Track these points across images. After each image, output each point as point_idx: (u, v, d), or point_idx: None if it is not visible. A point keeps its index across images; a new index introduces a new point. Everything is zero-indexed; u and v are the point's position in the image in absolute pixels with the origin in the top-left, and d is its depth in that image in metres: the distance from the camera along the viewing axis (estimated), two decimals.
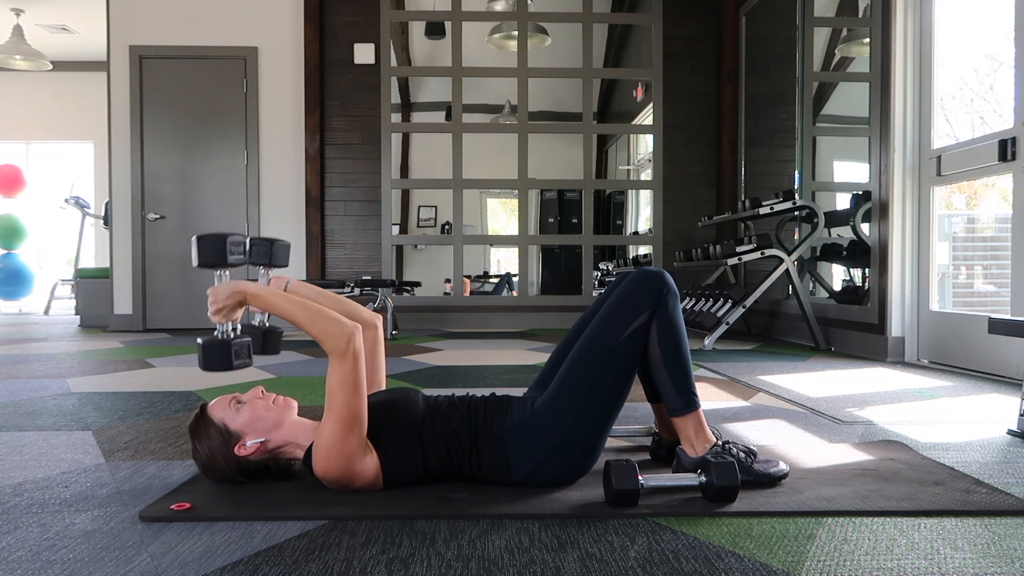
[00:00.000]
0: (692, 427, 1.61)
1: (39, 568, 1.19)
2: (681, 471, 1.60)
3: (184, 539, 1.30)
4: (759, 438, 2.08)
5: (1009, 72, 3.18)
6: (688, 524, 1.37)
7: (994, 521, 1.40)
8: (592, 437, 1.57)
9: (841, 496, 1.52)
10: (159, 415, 2.44)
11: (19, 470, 1.77)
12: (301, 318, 1.49)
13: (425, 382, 3.16)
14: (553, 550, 1.25)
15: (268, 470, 1.57)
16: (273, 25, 5.97)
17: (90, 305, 6.43)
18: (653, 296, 1.60)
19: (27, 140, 9.49)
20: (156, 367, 3.67)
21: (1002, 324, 2.18)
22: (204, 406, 1.58)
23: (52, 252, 9.92)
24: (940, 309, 3.77)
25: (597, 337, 1.59)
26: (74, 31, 8.12)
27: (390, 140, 6.03)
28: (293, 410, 1.60)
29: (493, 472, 1.56)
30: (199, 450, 1.54)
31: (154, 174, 5.98)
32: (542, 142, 6.73)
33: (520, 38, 6.13)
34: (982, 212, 4.83)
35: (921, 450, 1.93)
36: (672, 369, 1.61)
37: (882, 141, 3.94)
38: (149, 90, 5.95)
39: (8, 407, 2.58)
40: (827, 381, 3.13)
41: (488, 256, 9.49)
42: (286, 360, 3.94)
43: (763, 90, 5.82)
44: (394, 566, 1.19)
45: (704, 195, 6.25)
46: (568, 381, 1.57)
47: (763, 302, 5.13)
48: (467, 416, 1.58)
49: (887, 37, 3.90)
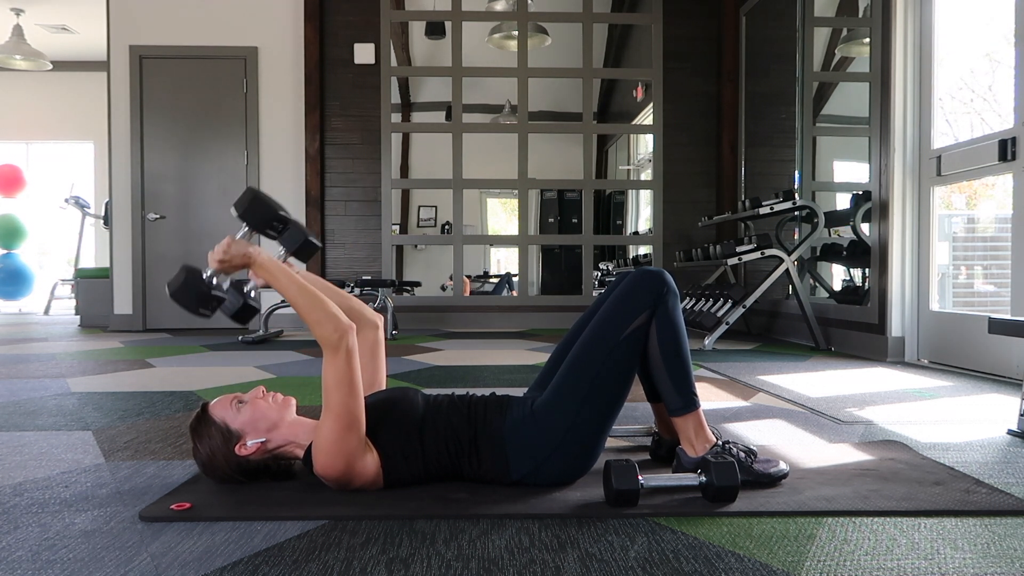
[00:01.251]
0: (692, 427, 1.61)
1: (39, 568, 1.19)
2: (681, 471, 1.60)
3: (184, 539, 1.30)
4: (759, 438, 2.08)
5: (1009, 72, 3.18)
6: (688, 524, 1.37)
7: (994, 521, 1.40)
8: (592, 437, 1.57)
9: (841, 496, 1.52)
10: (159, 415, 2.43)
11: (19, 470, 1.77)
12: (301, 302, 1.49)
13: (425, 382, 3.16)
14: (553, 550, 1.25)
15: (268, 470, 1.57)
16: (273, 25, 5.97)
17: (90, 305, 6.43)
18: (653, 295, 1.60)
19: (27, 140, 9.49)
20: (156, 367, 3.67)
21: (1002, 324, 2.18)
22: (205, 405, 1.58)
23: (52, 252, 9.92)
24: (940, 309, 3.77)
25: (597, 337, 1.59)
26: (74, 31, 8.12)
27: (390, 140, 6.03)
28: (292, 408, 1.59)
29: (493, 471, 1.56)
30: (200, 449, 1.54)
31: (154, 174, 5.98)
32: (542, 142, 6.73)
33: (520, 38, 6.13)
34: (982, 212, 4.83)
35: (921, 450, 1.93)
36: (672, 369, 1.60)
37: (882, 141, 3.94)
38: (149, 90, 5.95)
39: (8, 407, 2.58)
40: (827, 381, 3.12)
41: (488, 256, 9.49)
42: (286, 360, 3.94)
43: (763, 90, 5.82)
44: (394, 566, 1.19)
45: (704, 195, 6.25)
46: (568, 381, 1.57)
47: (763, 302, 5.13)
48: (467, 415, 1.58)
49: (887, 37, 3.90)
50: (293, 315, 5.95)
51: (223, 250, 1.55)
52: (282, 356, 4.13)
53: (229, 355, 4.18)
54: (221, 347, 4.62)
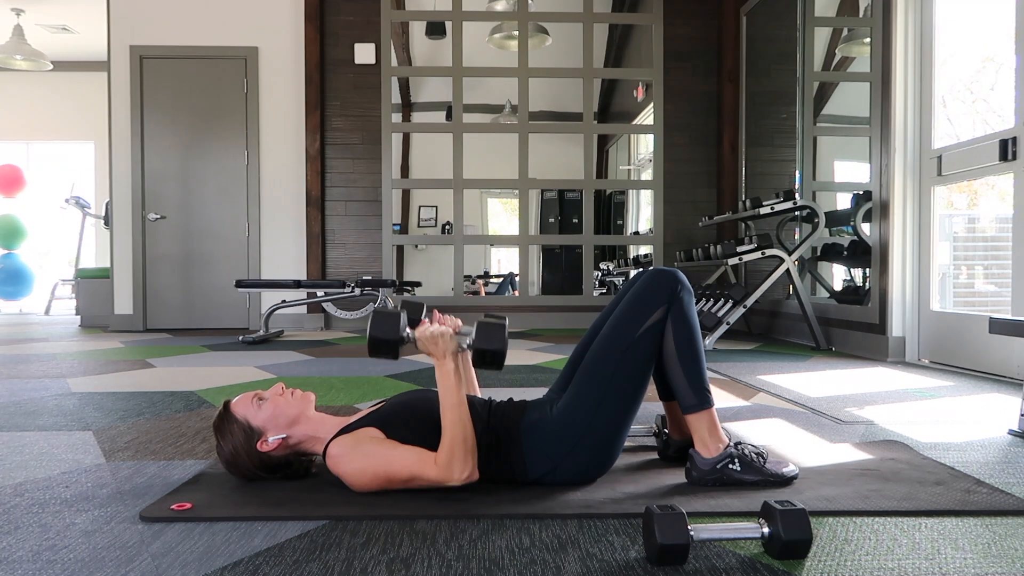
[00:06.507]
0: (706, 426, 1.61)
1: (39, 568, 1.19)
2: (696, 472, 1.60)
3: (185, 539, 1.30)
4: (760, 438, 2.08)
5: (1010, 72, 3.18)
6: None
7: (995, 521, 1.40)
8: (610, 436, 1.57)
9: (842, 496, 1.52)
10: (160, 415, 2.43)
11: (20, 470, 1.77)
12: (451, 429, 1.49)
13: (426, 382, 3.16)
14: (554, 550, 1.25)
15: (290, 465, 1.60)
16: (273, 25, 5.97)
17: (90, 305, 6.43)
18: (668, 293, 1.61)
19: (27, 140, 9.49)
20: (156, 367, 3.67)
21: (1003, 324, 2.17)
22: (227, 403, 1.60)
23: (52, 252, 9.91)
24: (941, 309, 3.77)
25: (613, 337, 1.60)
26: (74, 31, 8.12)
27: (390, 140, 6.03)
28: (311, 404, 1.62)
29: (510, 472, 1.57)
30: (223, 447, 1.57)
31: (154, 174, 5.98)
32: (543, 142, 6.73)
33: (520, 38, 6.12)
34: (983, 212, 4.82)
35: (922, 450, 1.93)
36: (687, 366, 1.61)
37: (883, 141, 3.93)
38: (149, 90, 5.95)
39: (8, 407, 2.58)
40: (828, 381, 3.12)
41: (489, 256, 9.48)
42: (286, 360, 3.94)
43: (764, 90, 5.81)
44: (395, 566, 1.19)
45: (705, 195, 6.25)
46: (585, 381, 1.58)
47: (764, 302, 5.12)
48: (485, 418, 1.59)
49: (887, 37, 3.90)
50: (293, 315, 5.96)
51: (440, 333, 1.55)
52: (282, 356, 4.13)
53: (229, 355, 4.18)
54: (221, 347, 4.62)
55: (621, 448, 1.62)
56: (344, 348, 4.58)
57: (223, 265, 5.99)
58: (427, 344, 1.56)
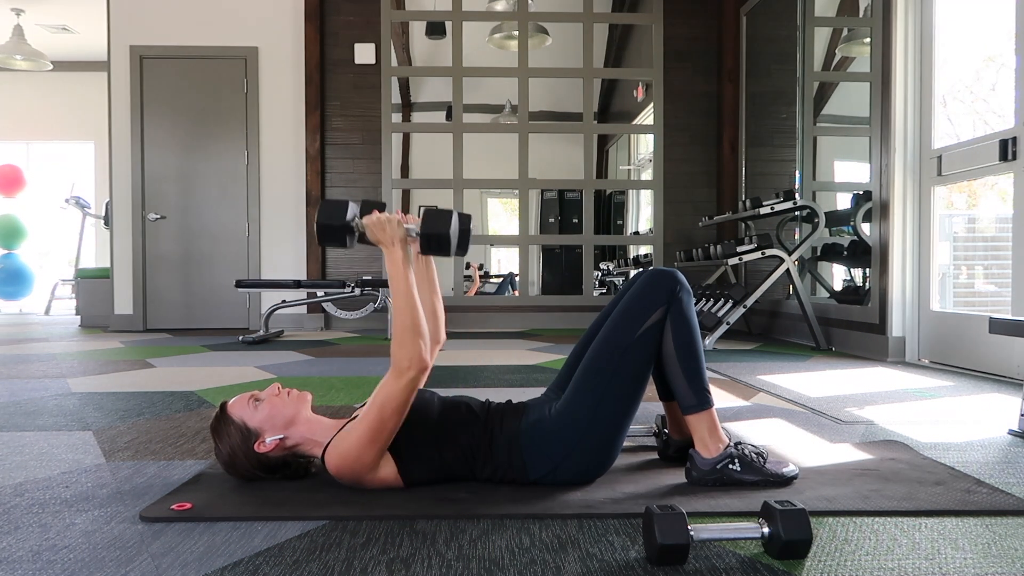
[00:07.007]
0: (706, 426, 1.61)
1: (39, 568, 1.19)
2: (696, 472, 1.60)
3: (185, 539, 1.30)
4: (760, 438, 2.08)
5: (1010, 72, 3.18)
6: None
7: (995, 521, 1.40)
8: (610, 436, 1.57)
9: (842, 496, 1.52)
10: (159, 415, 2.43)
11: (20, 470, 1.77)
12: (398, 314, 1.49)
13: (427, 382, 3.15)
14: (554, 550, 1.25)
15: (288, 466, 1.60)
16: (273, 25, 5.97)
17: (90, 305, 6.43)
18: (667, 293, 1.61)
19: (27, 140, 9.49)
20: (156, 367, 3.67)
21: (1003, 324, 2.17)
22: (224, 405, 1.60)
23: (52, 252, 9.91)
24: (941, 309, 3.77)
25: (611, 337, 1.59)
26: (74, 31, 8.12)
27: (390, 140, 6.03)
28: (307, 404, 1.62)
29: (510, 473, 1.57)
30: (221, 448, 1.57)
31: (154, 174, 5.98)
32: (543, 142, 6.72)
33: (520, 38, 6.12)
34: (983, 212, 4.82)
35: (922, 450, 1.93)
36: (686, 366, 1.61)
37: (883, 141, 3.93)
38: (149, 90, 5.95)
39: (8, 407, 2.58)
40: (828, 381, 3.12)
41: (489, 256, 9.48)
42: (286, 360, 3.94)
43: (763, 90, 5.81)
44: (395, 566, 1.19)
45: (704, 195, 6.25)
46: (584, 381, 1.58)
47: (764, 302, 5.12)
48: (483, 418, 1.59)
49: (887, 37, 3.90)
50: (293, 315, 5.96)
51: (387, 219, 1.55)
52: (282, 356, 4.13)
53: (229, 355, 4.18)
54: (221, 347, 4.62)
55: (621, 448, 1.62)
56: (344, 348, 4.58)
57: (223, 265, 5.99)
58: (375, 231, 1.55)
